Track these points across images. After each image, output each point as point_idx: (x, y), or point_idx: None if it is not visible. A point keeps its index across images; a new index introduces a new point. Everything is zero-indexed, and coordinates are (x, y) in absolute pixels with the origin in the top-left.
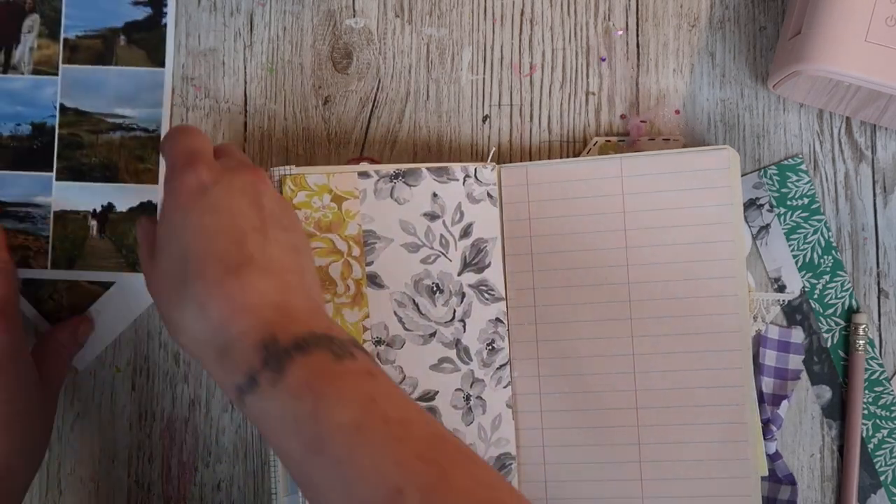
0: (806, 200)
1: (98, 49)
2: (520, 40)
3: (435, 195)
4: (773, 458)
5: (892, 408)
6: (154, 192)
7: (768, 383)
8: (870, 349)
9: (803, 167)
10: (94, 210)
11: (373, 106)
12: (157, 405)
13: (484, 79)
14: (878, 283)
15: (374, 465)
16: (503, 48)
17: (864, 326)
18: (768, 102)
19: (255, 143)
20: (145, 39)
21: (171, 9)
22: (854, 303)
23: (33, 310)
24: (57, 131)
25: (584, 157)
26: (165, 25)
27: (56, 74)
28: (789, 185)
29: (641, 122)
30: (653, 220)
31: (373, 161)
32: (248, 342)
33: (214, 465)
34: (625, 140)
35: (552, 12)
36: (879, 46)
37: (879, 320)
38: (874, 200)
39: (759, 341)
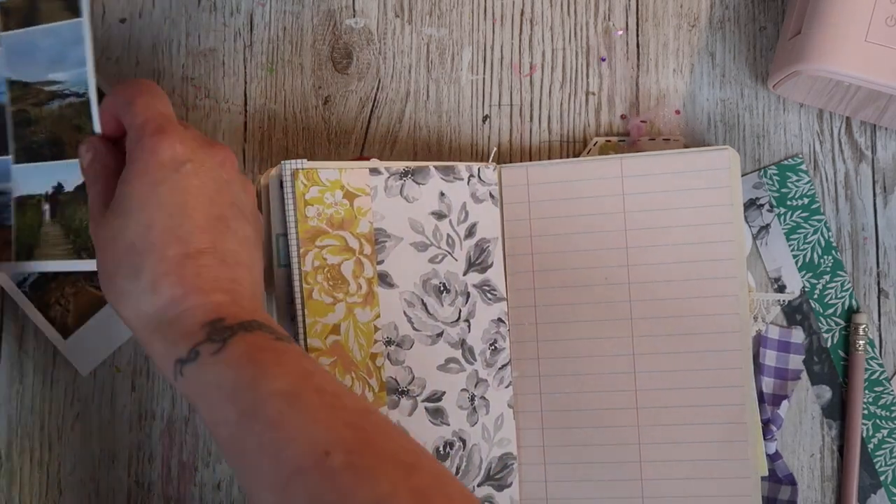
0: (806, 200)
1: (24, 8)
2: (520, 40)
3: (442, 194)
4: (774, 458)
5: (892, 408)
6: None
7: (768, 383)
8: (870, 349)
9: (803, 167)
10: (47, 193)
11: (373, 106)
12: (157, 405)
13: (484, 79)
14: (878, 283)
15: (304, 429)
16: (503, 48)
17: (864, 326)
18: (768, 102)
19: (255, 143)
20: None
21: None
22: (854, 303)
23: (40, 315)
24: (8, 109)
25: (584, 158)
26: None
27: (2, 46)
28: (789, 185)
29: (641, 122)
30: (653, 220)
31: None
32: (194, 319)
33: (214, 465)
34: (625, 140)
35: (552, 12)
36: (879, 46)
37: (879, 320)
38: (874, 200)
39: (759, 341)
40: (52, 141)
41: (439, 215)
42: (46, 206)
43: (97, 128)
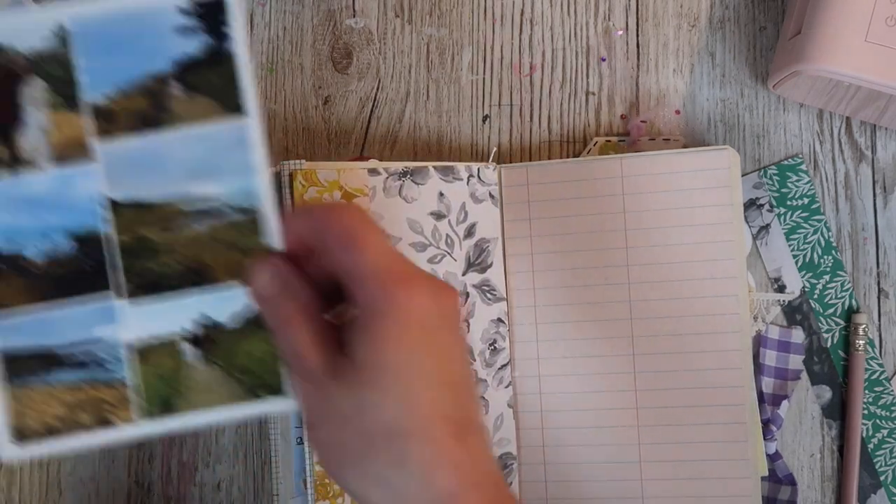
0: (806, 200)
1: (142, 109)
2: (520, 40)
3: (441, 194)
4: (773, 458)
5: (892, 408)
6: None
7: (768, 383)
8: (870, 349)
9: (803, 167)
10: (188, 331)
11: (373, 106)
12: None
13: (484, 79)
14: (878, 283)
15: None
16: (503, 48)
17: (864, 326)
18: (768, 102)
19: None
20: (209, 80)
21: (237, 26)
22: (854, 303)
23: None
24: (115, 238)
25: (584, 158)
26: (234, 53)
27: (91, 159)
28: (789, 185)
29: (641, 122)
30: (653, 220)
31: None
32: None
33: (214, 465)
34: (625, 140)
35: (552, 12)
36: (879, 46)
37: (879, 320)
38: (874, 200)
39: (759, 341)
40: (192, 269)
41: (438, 215)
42: (187, 347)
43: (276, 243)
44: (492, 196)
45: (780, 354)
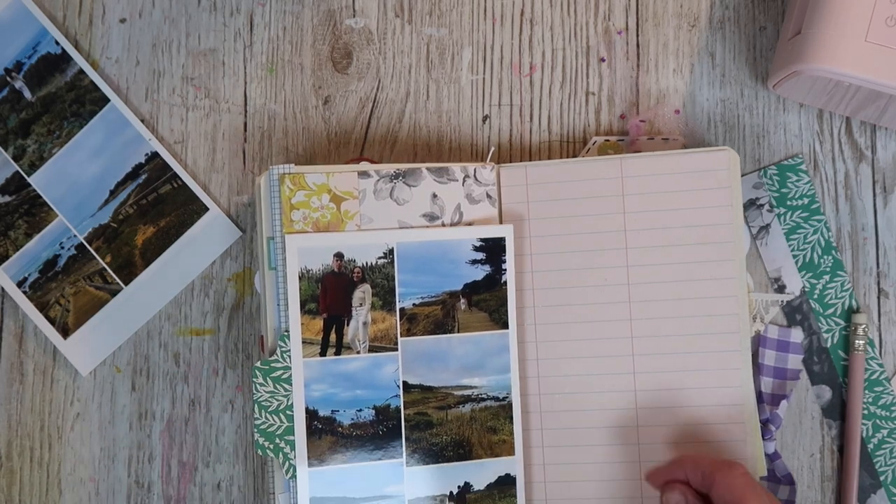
0: (806, 200)
1: (437, 317)
2: (520, 40)
3: (434, 196)
4: (772, 457)
5: (892, 408)
6: (511, 465)
7: (767, 383)
8: (870, 349)
9: (803, 167)
10: (451, 493)
11: (373, 106)
12: (157, 405)
13: (484, 79)
14: (878, 283)
15: None
16: (503, 48)
17: (864, 326)
18: (768, 102)
19: (255, 143)
20: (486, 301)
21: (510, 265)
22: (854, 303)
23: (40, 315)
24: (403, 412)
25: (583, 158)
26: (506, 283)
27: (395, 350)
28: (789, 185)
29: (641, 121)
30: (652, 220)
31: (371, 162)
32: None
33: (214, 465)
34: (624, 140)
35: (552, 12)
36: (879, 46)
37: (879, 320)
38: (874, 200)
39: (758, 341)
40: (457, 442)
41: (431, 217)
42: None
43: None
44: (489, 196)
45: (780, 354)
